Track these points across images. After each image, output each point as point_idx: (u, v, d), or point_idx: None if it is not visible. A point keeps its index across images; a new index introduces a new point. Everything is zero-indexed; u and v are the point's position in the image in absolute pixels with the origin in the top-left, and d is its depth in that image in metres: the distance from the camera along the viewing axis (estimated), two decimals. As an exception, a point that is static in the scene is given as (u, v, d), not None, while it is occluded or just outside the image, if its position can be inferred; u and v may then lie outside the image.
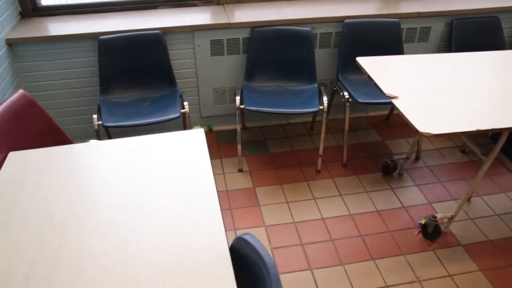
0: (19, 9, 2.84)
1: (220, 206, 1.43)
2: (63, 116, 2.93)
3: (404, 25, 3.03)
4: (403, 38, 3.07)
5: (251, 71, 2.92)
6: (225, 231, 1.30)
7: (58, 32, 2.70)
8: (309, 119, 3.36)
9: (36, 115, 1.92)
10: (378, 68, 2.35)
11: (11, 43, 2.64)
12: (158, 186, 1.53)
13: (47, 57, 2.74)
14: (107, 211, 1.43)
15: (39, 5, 2.91)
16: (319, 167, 2.84)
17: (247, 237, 1.20)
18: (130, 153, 1.71)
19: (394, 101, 2.04)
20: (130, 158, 1.68)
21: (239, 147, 2.82)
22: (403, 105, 2.00)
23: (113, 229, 1.35)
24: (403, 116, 1.92)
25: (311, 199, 2.62)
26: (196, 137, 1.77)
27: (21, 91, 1.93)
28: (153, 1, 3.02)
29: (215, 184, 1.51)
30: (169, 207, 1.43)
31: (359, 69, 2.77)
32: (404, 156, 2.83)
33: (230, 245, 1.26)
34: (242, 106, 2.65)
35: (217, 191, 1.48)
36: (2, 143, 1.71)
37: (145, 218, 1.39)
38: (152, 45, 2.74)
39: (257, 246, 1.15)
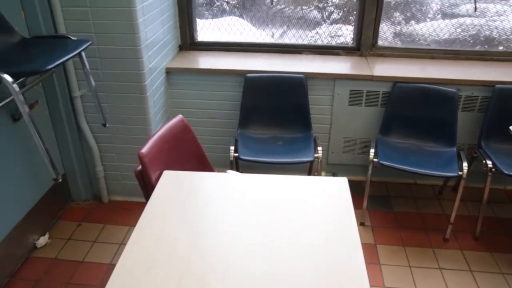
0: (179, 43, 3.15)
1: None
2: (201, 143, 3.12)
3: None
4: (561, 111, 2.81)
5: (388, 126, 2.86)
6: (371, 289, 1.26)
7: (209, 65, 2.93)
8: (439, 182, 3.18)
9: (190, 139, 2.08)
10: (534, 141, 2.17)
11: (168, 72, 2.92)
12: (298, 230, 1.53)
13: (196, 87, 2.97)
14: (247, 243, 1.47)
15: (196, 40, 3.19)
16: (447, 235, 2.65)
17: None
18: (269, 190, 1.75)
19: (556, 180, 1.85)
20: (269, 194, 1.72)
21: (365, 200, 2.75)
22: None
23: (254, 265, 1.38)
24: None
25: (436, 268, 2.44)
26: (339, 185, 1.76)
27: (180, 116, 2.10)
28: (298, 47, 3.15)
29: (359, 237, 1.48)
30: (311, 254, 1.42)
31: (508, 138, 2.58)
32: (550, 241, 2.54)
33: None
34: (375, 160, 2.60)
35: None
36: (160, 162, 1.87)
37: (284, 260, 1.40)
38: (294, 88, 2.83)
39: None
